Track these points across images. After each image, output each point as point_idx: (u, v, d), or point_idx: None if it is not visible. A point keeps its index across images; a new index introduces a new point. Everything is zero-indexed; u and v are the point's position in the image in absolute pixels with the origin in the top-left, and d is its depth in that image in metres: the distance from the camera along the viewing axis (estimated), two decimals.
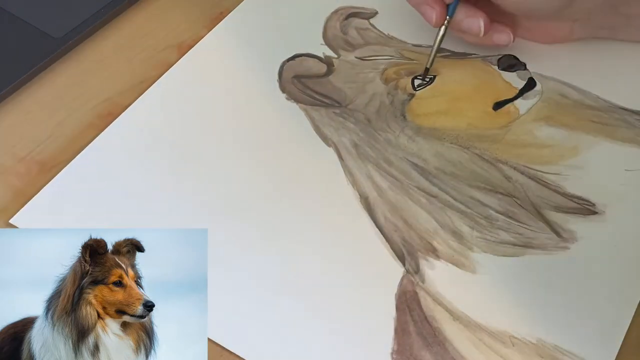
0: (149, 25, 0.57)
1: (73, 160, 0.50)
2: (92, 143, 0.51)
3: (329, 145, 0.51)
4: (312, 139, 0.51)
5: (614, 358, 0.44)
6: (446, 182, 0.50)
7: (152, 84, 0.54)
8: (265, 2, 0.59)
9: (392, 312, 0.44)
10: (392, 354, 0.43)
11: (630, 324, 0.45)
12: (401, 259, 0.46)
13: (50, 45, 0.54)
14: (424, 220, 0.48)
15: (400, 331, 0.44)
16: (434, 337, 0.44)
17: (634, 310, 0.46)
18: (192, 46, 0.56)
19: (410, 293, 0.45)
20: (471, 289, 0.46)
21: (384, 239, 0.47)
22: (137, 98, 0.53)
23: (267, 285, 0.45)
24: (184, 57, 0.55)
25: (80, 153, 0.50)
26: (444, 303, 0.45)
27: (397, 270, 0.46)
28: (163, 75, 0.54)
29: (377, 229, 0.48)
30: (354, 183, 0.50)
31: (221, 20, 0.57)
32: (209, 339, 0.43)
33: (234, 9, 0.58)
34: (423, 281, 0.46)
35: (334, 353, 0.43)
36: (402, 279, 0.46)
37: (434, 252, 0.47)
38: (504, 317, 0.45)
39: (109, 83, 0.54)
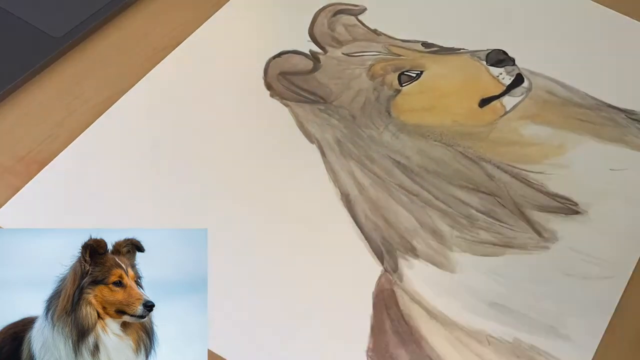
0: (149, 25, 0.57)
1: (64, 152, 0.49)
2: (85, 137, 0.50)
3: (312, 142, 0.51)
4: (296, 135, 0.52)
5: (590, 359, 0.44)
6: (428, 181, 0.50)
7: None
8: (251, 1, 0.59)
9: (369, 310, 0.45)
10: (367, 351, 0.43)
11: (610, 326, 0.45)
12: (380, 257, 0.47)
13: (50, 45, 0.54)
14: (405, 219, 0.48)
15: (377, 329, 0.44)
16: (410, 335, 0.44)
17: (612, 312, 0.46)
18: None
19: (388, 291, 0.45)
20: (449, 288, 0.46)
21: (363, 237, 0.47)
22: None
23: (256, 283, 0.45)
24: (173, 51, 0.55)
25: (73, 148, 0.50)
26: (422, 302, 0.45)
27: (375, 269, 0.46)
28: (149, 73, 0.54)
29: (357, 227, 0.48)
30: (336, 180, 0.50)
31: None
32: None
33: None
34: (401, 280, 0.46)
35: (310, 349, 0.43)
36: (380, 278, 0.46)
37: (413, 251, 0.47)
38: (482, 316, 0.45)
39: (109, 83, 0.54)
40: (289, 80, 0.54)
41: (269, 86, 0.54)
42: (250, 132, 0.52)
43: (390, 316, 0.45)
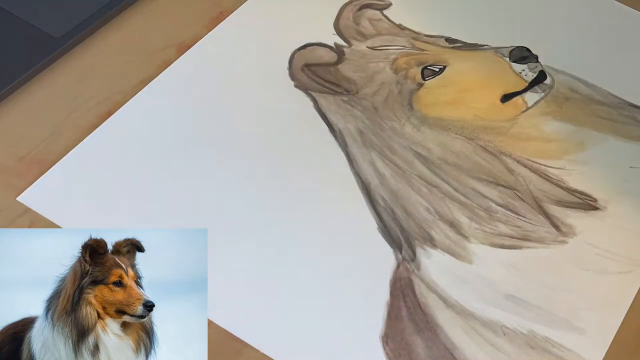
0: (148, 25, 0.57)
1: (68, 155, 0.50)
2: (88, 140, 0.50)
3: (334, 132, 0.52)
4: (318, 125, 0.52)
5: (605, 353, 0.44)
6: (448, 173, 0.50)
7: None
8: None
9: (386, 297, 0.45)
10: (382, 337, 0.44)
11: (625, 321, 0.46)
12: (398, 246, 0.47)
13: (50, 45, 0.54)
14: (424, 209, 0.49)
15: (393, 316, 0.45)
16: (425, 323, 0.45)
17: (628, 307, 0.46)
18: (191, 46, 0.56)
19: (405, 280, 0.46)
20: (466, 278, 0.46)
21: (382, 226, 0.48)
22: None
23: (266, 280, 0.46)
24: (189, 50, 0.55)
25: (76, 148, 0.50)
26: (438, 291, 0.46)
27: (393, 257, 0.47)
28: (164, 71, 0.54)
29: (376, 216, 0.48)
30: (357, 169, 0.50)
31: (221, 20, 0.57)
32: (208, 338, 0.43)
33: (234, 8, 0.58)
34: (418, 269, 0.47)
35: (327, 337, 0.44)
36: (397, 266, 0.47)
37: (431, 242, 0.48)
38: (497, 307, 0.45)
39: (109, 83, 0.54)
40: (313, 71, 0.55)
41: (293, 77, 0.55)
42: (273, 123, 0.52)
43: (406, 304, 0.45)
